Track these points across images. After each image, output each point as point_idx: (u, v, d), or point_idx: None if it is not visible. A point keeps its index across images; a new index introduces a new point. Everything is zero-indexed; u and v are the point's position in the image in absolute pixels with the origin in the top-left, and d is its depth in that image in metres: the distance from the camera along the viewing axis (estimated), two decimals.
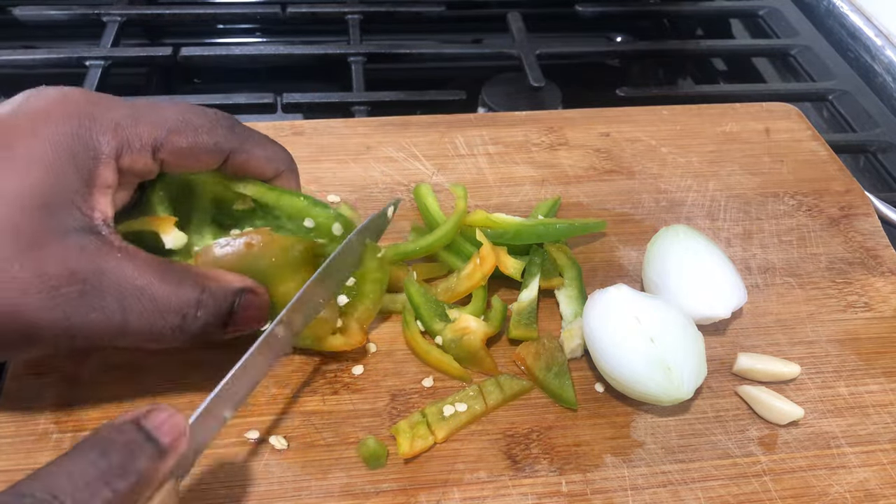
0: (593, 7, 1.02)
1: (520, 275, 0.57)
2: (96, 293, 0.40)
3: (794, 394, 0.53)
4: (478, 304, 0.56)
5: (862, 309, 0.59)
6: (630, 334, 0.49)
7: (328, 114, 0.79)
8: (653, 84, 1.03)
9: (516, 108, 0.79)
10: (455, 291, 0.56)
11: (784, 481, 0.48)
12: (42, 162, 0.41)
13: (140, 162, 0.45)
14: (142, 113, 0.45)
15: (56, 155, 0.41)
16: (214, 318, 0.45)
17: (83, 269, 0.40)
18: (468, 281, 0.56)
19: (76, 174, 0.42)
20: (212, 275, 0.45)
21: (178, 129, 0.46)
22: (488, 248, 0.56)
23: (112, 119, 0.44)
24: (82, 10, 0.94)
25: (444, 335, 0.54)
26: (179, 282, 0.43)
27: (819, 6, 1.04)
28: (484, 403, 0.51)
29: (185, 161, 0.47)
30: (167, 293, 0.42)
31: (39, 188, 0.40)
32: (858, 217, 0.67)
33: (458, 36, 1.06)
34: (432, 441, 0.49)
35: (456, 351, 0.53)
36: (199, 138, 0.46)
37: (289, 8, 0.97)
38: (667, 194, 0.68)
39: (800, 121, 0.76)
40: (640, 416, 0.51)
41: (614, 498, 0.47)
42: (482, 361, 0.53)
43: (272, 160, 0.50)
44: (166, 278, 0.43)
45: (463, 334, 0.53)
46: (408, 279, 0.56)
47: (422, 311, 0.55)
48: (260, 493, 0.46)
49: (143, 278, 0.42)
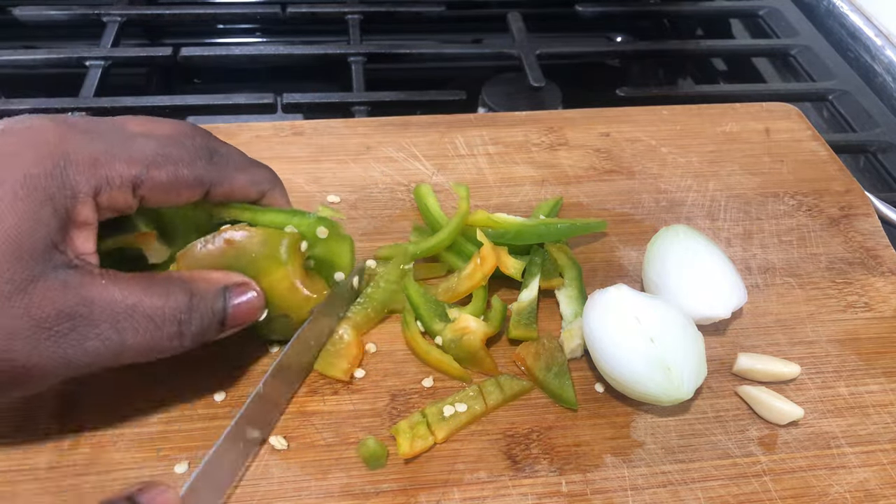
0: (593, 7, 1.02)
1: (520, 275, 0.57)
2: (88, 323, 0.41)
3: (794, 394, 0.53)
4: (478, 304, 0.56)
5: (862, 309, 0.59)
6: (630, 334, 0.49)
7: (328, 114, 0.79)
8: (653, 84, 1.03)
9: (516, 108, 0.79)
10: (455, 291, 0.56)
11: (784, 481, 0.48)
12: (16, 208, 0.39)
13: (120, 199, 0.43)
14: (118, 147, 0.43)
15: (31, 199, 0.40)
16: (209, 319, 0.45)
17: (70, 304, 0.40)
18: (469, 281, 0.56)
19: (54, 216, 0.40)
20: (197, 276, 0.45)
21: (157, 164, 0.44)
22: (489, 248, 0.56)
23: (88, 155, 0.42)
24: (82, 10, 0.94)
25: (443, 335, 0.54)
26: (167, 292, 0.43)
27: (819, 6, 1.04)
28: (484, 404, 0.51)
29: (166, 196, 0.45)
30: (158, 305, 0.43)
31: (16, 235, 0.39)
32: (858, 217, 0.67)
33: (458, 36, 1.06)
34: (432, 441, 0.49)
35: (456, 351, 0.53)
36: (180, 172, 0.44)
37: (289, 8, 0.97)
38: (667, 194, 0.68)
39: (800, 121, 0.76)
40: (640, 417, 0.51)
41: (614, 498, 0.47)
42: (482, 361, 0.53)
43: (255, 183, 0.49)
44: (153, 291, 0.43)
45: (463, 334, 0.53)
46: (407, 279, 0.56)
47: (421, 311, 0.55)
48: (260, 493, 0.46)
49: (132, 297, 0.42)
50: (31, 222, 0.39)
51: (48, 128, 0.42)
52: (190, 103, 0.81)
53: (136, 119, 0.47)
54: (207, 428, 0.49)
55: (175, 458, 0.47)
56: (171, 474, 0.47)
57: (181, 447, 0.48)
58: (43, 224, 0.40)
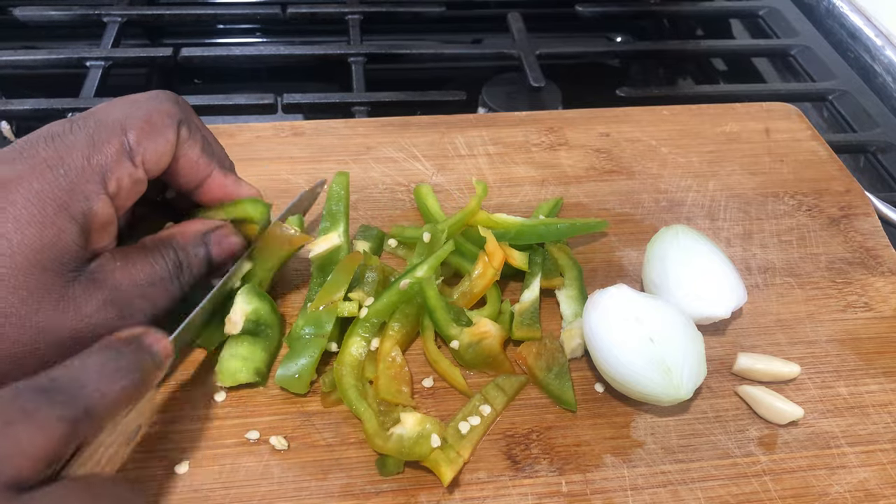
0: (593, 7, 1.02)
1: (527, 265, 0.57)
2: (126, 303, 0.46)
3: (794, 394, 0.53)
4: (494, 307, 0.56)
5: (862, 309, 0.59)
6: (630, 334, 0.49)
7: (328, 114, 0.79)
8: (653, 84, 1.03)
9: (516, 108, 0.79)
10: (472, 294, 0.55)
11: (784, 481, 0.48)
12: (33, 223, 0.42)
13: (125, 176, 0.45)
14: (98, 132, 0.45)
15: (45, 212, 0.42)
16: (198, 265, 0.50)
17: (105, 294, 0.45)
18: (482, 280, 0.55)
19: (72, 223, 0.43)
20: (177, 231, 0.50)
21: (134, 120, 0.46)
22: (494, 243, 0.56)
23: (80, 156, 0.44)
24: (82, 11, 0.94)
25: (461, 339, 0.52)
26: (161, 255, 0.48)
27: (819, 6, 1.04)
28: (492, 409, 0.50)
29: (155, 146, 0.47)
30: (161, 268, 0.48)
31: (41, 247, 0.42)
32: (858, 217, 0.67)
33: (458, 36, 1.06)
34: (462, 462, 0.48)
35: (473, 355, 0.52)
36: (153, 116, 0.47)
37: (289, 8, 0.97)
38: (667, 194, 0.68)
39: (800, 121, 0.76)
40: (640, 416, 0.51)
41: (614, 498, 0.47)
42: (501, 364, 0.52)
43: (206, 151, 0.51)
44: (154, 257, 0.48)
45: (482, 338, 0.52)
46: (426, 282, 0.54)
47: (437, 316, 0.53)
48: (260, 493, 0.46)
49: (142, 270, 0.47)
50: (52, 233, 0.42)
51: (36, 145, 0.44)
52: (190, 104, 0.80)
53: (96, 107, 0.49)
54: (207, 428, 0.49)
55: (175, 458, 0.47)
56: (171, 474, 0.47)
57: (181, 447, 0.48)
58: (64, 232, 0.43)
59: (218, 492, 0.46)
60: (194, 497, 0.46)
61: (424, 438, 0.46)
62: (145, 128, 0.46)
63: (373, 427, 0.48)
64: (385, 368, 0.51)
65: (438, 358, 0.53)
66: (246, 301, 0.52)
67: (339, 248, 0.57)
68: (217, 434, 0.49)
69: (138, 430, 0.46)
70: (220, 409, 0.50)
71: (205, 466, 0.47)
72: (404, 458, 0.47)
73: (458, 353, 0.53)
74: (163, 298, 0.48)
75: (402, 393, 0.51)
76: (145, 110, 0.47)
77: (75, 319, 0.43)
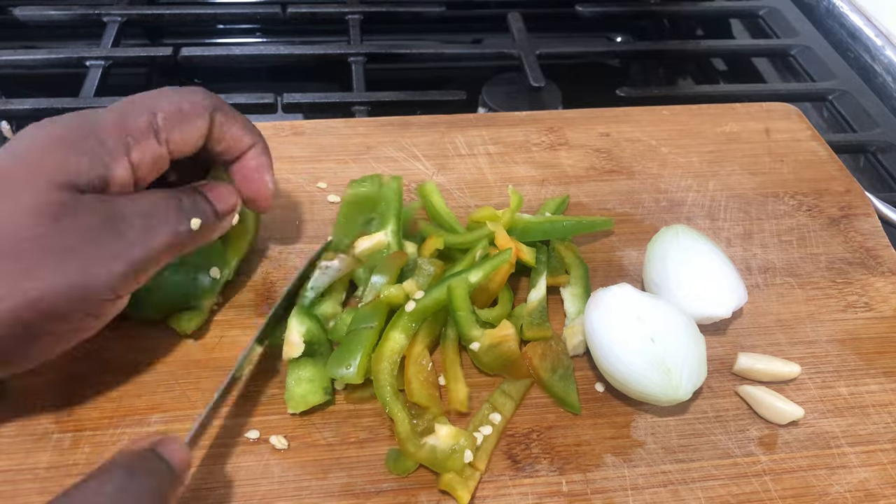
0: (593, 7, 1.02)
1: (534, 260, 0.57)
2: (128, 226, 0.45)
3: (794, 394, 0.53)
4: (506, 307, 0.56)
5: (862, 309, 0.59)
6: (631, 334, 0.49)
7: (328, 114, 0.79)
8: (653, 84, 1.03)
9: (516, 108, 0.79)
10: (488, 292, 0.55)
11: (784, 481, 0.48)
12: (60, 151, 0.44)
13: (149, 151, 0.47)
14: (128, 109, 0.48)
15: (72, 150, 0.44)
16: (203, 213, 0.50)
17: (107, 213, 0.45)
18: (497, 276, 0.55)
19: (92, 168, 0.45)
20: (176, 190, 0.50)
21: (168, 103, 0.49)
22: (504, 236, 0.55)
23: (111, 120, 0.47)
24: (82, 10, 0.94)
25: (481, 342, 0.52)
26: (164, 192, 0.49)
27: (819, 6, 1.04)
28: (502, 416, 0.50)
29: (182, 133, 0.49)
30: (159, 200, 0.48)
31: (63, 170, 0.44)
32: (858, 217, 0.67)
33: (458, 36, 1.06)
34: (479, 476, 0.47)
35: (492, 357, 0.52)
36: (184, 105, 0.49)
37: (289, 8, 0.97)
38: (667, 194, 0.68)
39: (800, 121, 0.76)
40: (641, 416, 0.51)
41: (614, 498, 0.47)
42: (519, 368, 0.52)
43: (247, 127, 0.54)
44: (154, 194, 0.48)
45: (503, 341, 0.51)
46: (457, 282, 0.52)
47: (461, 316, 0.52)
48: (260, 493, 0.46)
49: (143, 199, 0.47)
50: (75, 161, 0.44)
51: (69, 115, 0.47)
52: None
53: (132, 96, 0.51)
54: (207, 427, 0.49)
55: None
56: None
57: None
58: (85, 168, 0.44)
59: (218, 491, 0.46)
60: (194, 497, 0.46)
61: (458, 453, 0.46)
62: (176, 113, 0.48)
63: (406, 431, 0.47)
64: (416, 372, 0.51)
65: (452, 368, 0.52)
66: (300, 323, 0.52)
67: (385, 245, 0.57)
68: (217, 433, 0.49)
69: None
70: (220, 409, 0.50)
71: (205, 466, 0.47)
72: (435, 469, 0.47)
73: (477, 356, 0.52)
74: (164, 234, 0.47)
75: (434, 398, 0.50)
76: (178, 99, 0.49)
77: (72, 230, 0.43)
